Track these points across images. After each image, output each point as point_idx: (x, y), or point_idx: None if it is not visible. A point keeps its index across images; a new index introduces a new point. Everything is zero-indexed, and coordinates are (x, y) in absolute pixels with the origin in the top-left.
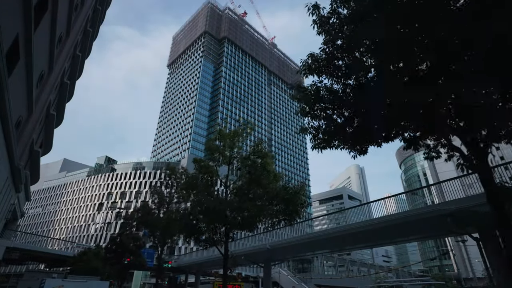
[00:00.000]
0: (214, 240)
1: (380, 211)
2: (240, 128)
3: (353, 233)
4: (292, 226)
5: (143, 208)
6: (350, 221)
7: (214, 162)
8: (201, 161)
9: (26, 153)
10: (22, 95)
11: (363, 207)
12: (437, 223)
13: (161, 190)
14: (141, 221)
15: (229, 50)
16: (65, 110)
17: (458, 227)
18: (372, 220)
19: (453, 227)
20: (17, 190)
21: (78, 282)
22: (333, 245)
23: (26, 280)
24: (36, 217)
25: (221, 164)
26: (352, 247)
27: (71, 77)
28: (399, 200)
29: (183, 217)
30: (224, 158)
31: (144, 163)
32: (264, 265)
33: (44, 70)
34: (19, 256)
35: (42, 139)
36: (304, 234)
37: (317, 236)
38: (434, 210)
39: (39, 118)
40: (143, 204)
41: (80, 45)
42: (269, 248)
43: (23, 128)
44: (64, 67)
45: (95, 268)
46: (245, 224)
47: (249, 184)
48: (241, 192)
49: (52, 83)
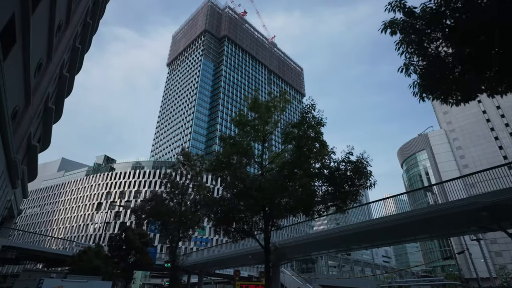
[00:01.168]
0: (249, 229)
1: (379, 211)
2: (276, 100)
3: (371, 230)
4: (343, 212)
5: (154, 198)
6: (349, 221)
7: (246, 138)
8: (230, 138)
9: (23, 147)
10: (19, 83)
11: (362, 207)
12: (463, 219)
13: (174, 178)
14: (153, 211)
15: (229, 49)
16: (64, 105)
17: (492, 221)
18: (397, 215)
19: (486, 221)
20: (13, 185)
21: (78, 282)
22: (348, 243)
23: (22, 280)
24: (34, 217)
25: (255, 140)
26: (369, 244)
27: (71, 70)
28: (398, 200)
29: (212, 203)
30: (258, 134)
31: (143, 162)
32: (273, 264)
33: (43, 58)
34: (15, 256)
35: (40, 134)
36: (316, 231)
37: (331, 234)
38: (468, 204)
39: (37, 110)
40: (154, 194)
41: (80, 37)
42: (278, 247)
43: (20, 120)
44: (63, 58)
45: (97, 268)
46: (294, 208)
47: (298, 159)
48: (289, 167)
49: (51, 74)
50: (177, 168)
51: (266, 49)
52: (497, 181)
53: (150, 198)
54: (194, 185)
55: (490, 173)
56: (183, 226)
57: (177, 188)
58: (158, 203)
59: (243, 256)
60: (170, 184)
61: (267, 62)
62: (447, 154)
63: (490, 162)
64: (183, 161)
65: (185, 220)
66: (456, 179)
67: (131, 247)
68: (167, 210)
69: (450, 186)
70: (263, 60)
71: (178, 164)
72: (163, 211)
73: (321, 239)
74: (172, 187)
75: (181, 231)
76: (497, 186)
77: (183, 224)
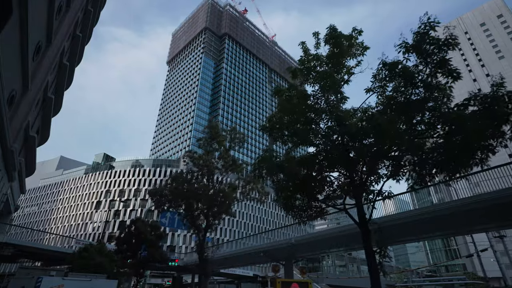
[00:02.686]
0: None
1: (378, 212)
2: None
3: (407, 223)
4: None
5: (176, 178)
6: (343, 222)
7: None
8: (296, 71)
9: (20, 137)
10: (16, 64)
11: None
12: None
13: (200, 155)
14: (176, 193)
15: (230, 46)
16: (63, 97)
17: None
18: (446, 203)
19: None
20: (10, 178)
21: (81, 280)
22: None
23: (19, 278)
24: (32, 216)
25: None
26: (402, 239)
27: (71, 60)
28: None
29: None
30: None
31: (143, 161)
32: (285, 263)
33: (42, 41)
34: (12, 253)
35: (39, 125)
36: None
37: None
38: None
39: (36, 98)
40: (176, 175)
41: (81, 26)
42: (294, 243)
43: (17, 107)
44: (63, 45)
45: (100, 265)
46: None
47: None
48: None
49: (50, 60)
50: (205, 142)
51: (267, 48)
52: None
53: (169, 181)
54: (225, 163)
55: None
56: (212, 211)
57: (205, 164)
58: (180, 184)
59: (254, 254)
60: (192, 161)
61: (268, 60)
62: None
63: (495, 160)
64: (212, 134)
65: (216, 203)
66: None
67: (143, 240)
68: (195, 190)
69: (455, 184)
70: (264, 59)
71: (205, 139)
72: (192, 190)
73: (343, 235)
74: (196, 166)
75: (210, 217)
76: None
77: (213, 207)
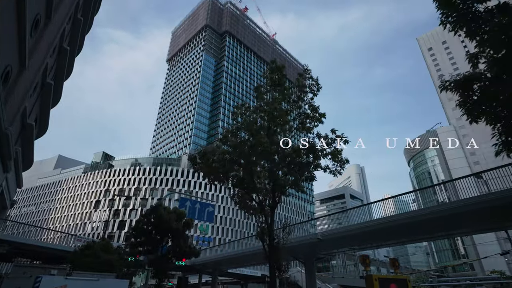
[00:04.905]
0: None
1: (378, 213)
2: None
3: (439, 217)
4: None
5: (224, 139)
6: (352, 221)
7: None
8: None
9: (17, 123)
10: (11, 35)
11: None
12: None
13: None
14: (240, 152)
15: (231, 44)
16: (63, 86)
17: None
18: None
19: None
20: (5, 168)
21: (87, 280)
22: (406, 234)
23: (14, 278)
24: (30, 216)
25: None
26: (429, 236)
27: (71, 45)
28: (398, 200)
29: None
30: None
31: (143, 159)
32: (305, 261)
33: (40, 14)
34: (7, 251)
35: (37, 115)
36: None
37: (390, 222)
38: None
39: (34, 81)
40: (222, 137)
41: (82, 10)
42: (320, 238)
43: (13, 86)
44: (63, 27)
45: (108, 263)
46: None
47: None
48: None
49: (50, 40)
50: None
51: (268, 46)
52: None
53: (227, 131)
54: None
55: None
56: (284, 179)
57: (275, 107)
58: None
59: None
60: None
61: (269, 59)
62: (457, 151)
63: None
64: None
65: (294, 165)
66: (466, 177)
67: (167, 230)
68: (264, 145)
69: (461, 184)
70: (265, 57)
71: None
72: (255, 145)
73: (374, 229)
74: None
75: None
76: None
77: (292, 170)
